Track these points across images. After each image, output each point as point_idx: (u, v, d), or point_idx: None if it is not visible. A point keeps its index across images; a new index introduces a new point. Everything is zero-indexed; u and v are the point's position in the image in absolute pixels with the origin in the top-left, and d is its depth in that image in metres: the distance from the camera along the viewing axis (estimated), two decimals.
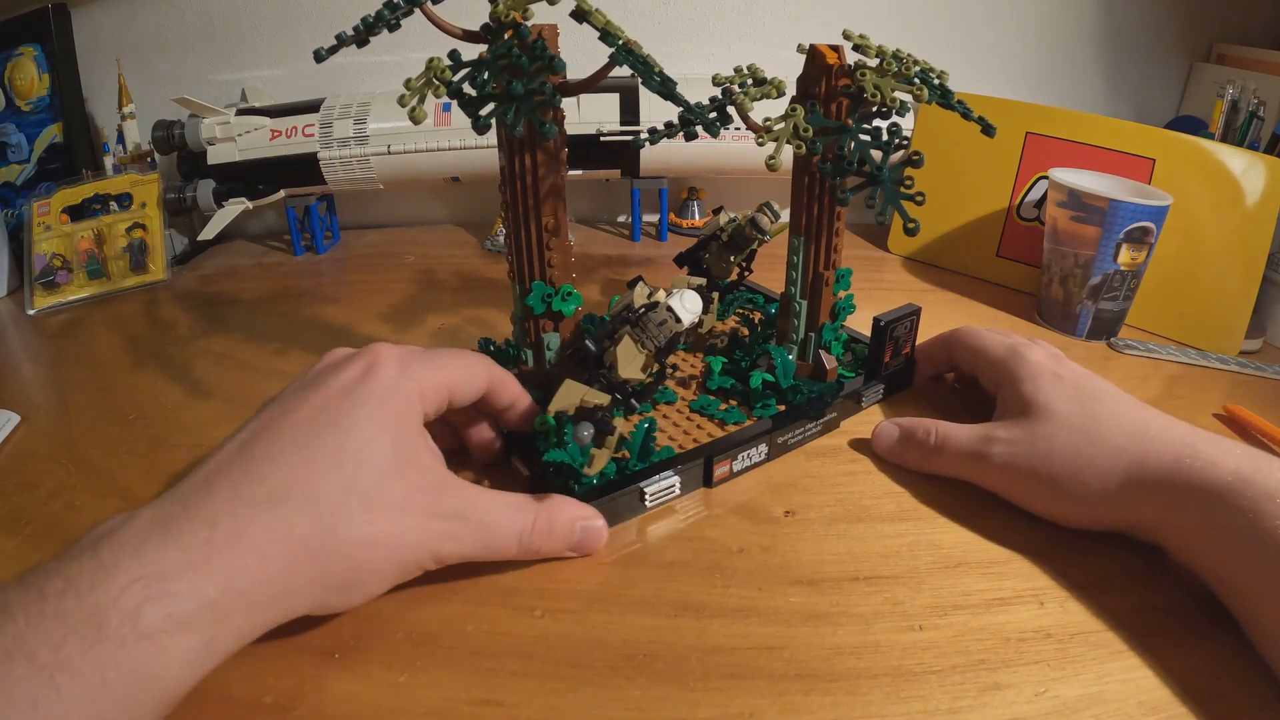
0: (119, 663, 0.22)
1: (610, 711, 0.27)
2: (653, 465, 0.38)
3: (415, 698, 0.28)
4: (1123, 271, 0.54)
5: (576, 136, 0.67)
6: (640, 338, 0.37)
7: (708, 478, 0.39)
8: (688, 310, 0.37)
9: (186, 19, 0.74)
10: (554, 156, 0.38)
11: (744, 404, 0.44)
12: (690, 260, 0.53)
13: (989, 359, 0.42)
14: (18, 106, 0.71)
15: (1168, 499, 0.31)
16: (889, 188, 0.35)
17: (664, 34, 0.77)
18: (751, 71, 0.38)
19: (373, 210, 0.82)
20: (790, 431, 0.42)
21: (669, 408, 0.45)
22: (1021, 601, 0.32)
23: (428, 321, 0.59)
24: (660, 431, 0.42)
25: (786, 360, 0.44)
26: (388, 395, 0.30)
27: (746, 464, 0.40)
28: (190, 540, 0.24)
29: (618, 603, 0.32)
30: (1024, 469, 0.36)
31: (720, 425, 0.43)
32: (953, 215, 0.70)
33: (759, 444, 0.40)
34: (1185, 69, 0.80)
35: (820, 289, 0.44)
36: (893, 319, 0.44)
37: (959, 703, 0.27)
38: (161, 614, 0.23)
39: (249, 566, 0.25)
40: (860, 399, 0.46)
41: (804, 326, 0.46)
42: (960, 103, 0.38)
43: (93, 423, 0.46)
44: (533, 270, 0.40)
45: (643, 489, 0.36)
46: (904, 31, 0.77)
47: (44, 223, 0.65)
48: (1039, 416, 0.36)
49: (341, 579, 0.28)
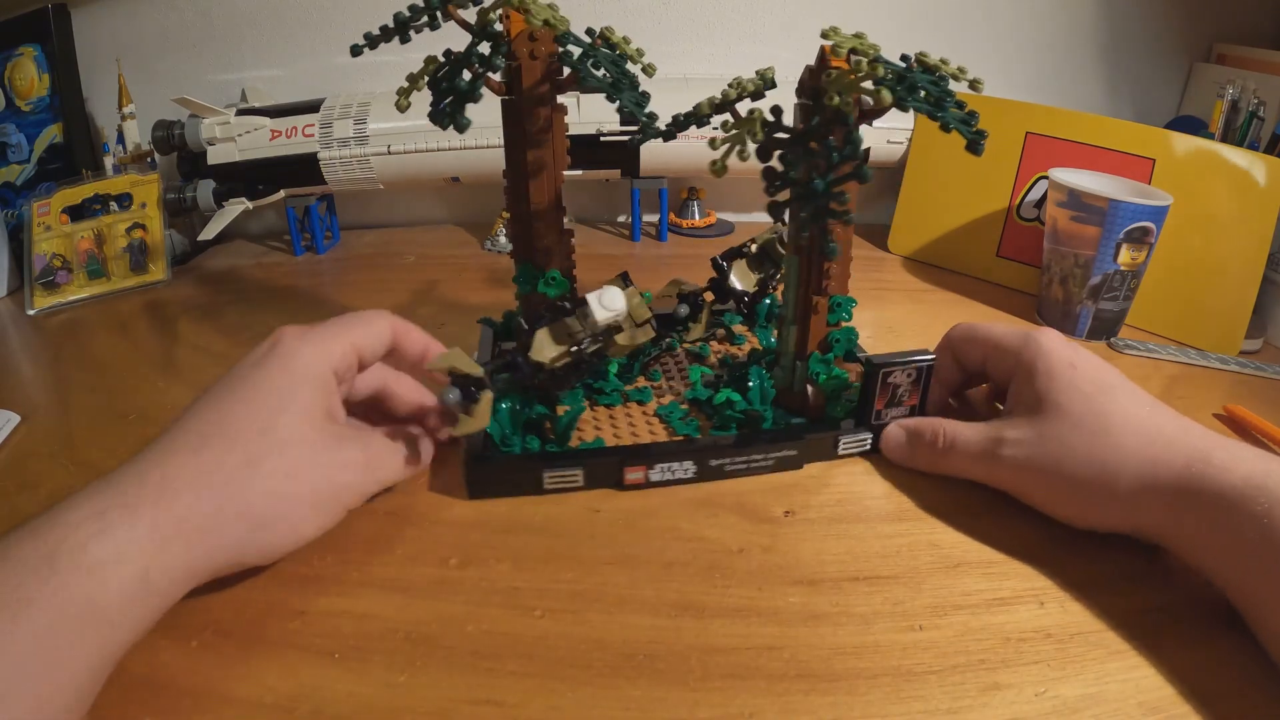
0: (71, 596, 0.24)
1: (610, 711, 0.27)
2: (566, 452, 0.39)
3: (415, 698, 0.28)
4: (1123, 271, 0.54)
5: (576, 137, 0.67)
6: (561, 329, 0.39)
7: (620, 479, 0.38)
8: (603, 307, 0.39)
9: (186, 19, 0.74)
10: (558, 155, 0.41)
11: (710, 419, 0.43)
12: (716, 266, 0.52)
13: (1002, 348, 0.40)
14: (18, 106, 0.71)
15: (1180, 504, 0.31)
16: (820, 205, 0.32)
17: (664, 34, 0.77)
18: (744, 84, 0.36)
19: (373, 210, 0.82)
20: (727, 457, 0.39)
21: (636, 406, 0.45)
22: (1021, 601, 0.32)
23: (428, 321, 0.59)
24: (613, 426, 0.43)
25: (765, 383, 0.42)
26: (290, 359, 0.33)
27: (669, 477, 0.39)
28: (126, 485, 0.28)
29: (618, 603, 0.32)
30: (1035, 470, 0.35)
31: (670, 433, 0.42)
32: (953, 215, 0.70)
33: (684, 460, 0.38)
34: (1185, 69, 0.80)
35: (809, 315, 0.41)
36: (888, 364, 0.39)
37: (959, 703, 0.27)
38: (103, 547, 0.25)
39: (178, 501, 0.28)
40: (837, 444, 0.41)
41: (791, 353, 0.42)
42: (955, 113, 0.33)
43: (93, 423, 0.46)
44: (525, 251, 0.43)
45: (544, 474, 0.38)
46: (904, 32, 0.77)
47: (44, 223, 0.65)
48: (1051, 415, 0.35)
49: (266, 512, 0.30)
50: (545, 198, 0.42)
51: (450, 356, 0.36)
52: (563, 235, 0.44)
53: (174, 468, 0.29)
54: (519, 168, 0.41)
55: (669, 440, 0.41)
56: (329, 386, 0.34)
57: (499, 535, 0.36)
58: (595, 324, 0.39)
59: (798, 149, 0.33)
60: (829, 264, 0.39)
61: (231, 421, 0.31)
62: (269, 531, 0.30)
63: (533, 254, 0.44)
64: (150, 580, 0.26)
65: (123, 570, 0.26)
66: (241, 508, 0.29)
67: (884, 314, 0.60)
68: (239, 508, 0.29)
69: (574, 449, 0.40)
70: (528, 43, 0.38)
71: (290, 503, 0.31)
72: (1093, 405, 0.34)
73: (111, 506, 0.27)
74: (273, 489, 0.30)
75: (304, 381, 0.33)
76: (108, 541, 0.26)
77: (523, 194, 0.42)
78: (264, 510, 0.30)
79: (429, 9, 0.36)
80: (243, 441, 0.30)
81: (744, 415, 0.41)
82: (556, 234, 0.44)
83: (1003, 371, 0.40)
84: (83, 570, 0.25)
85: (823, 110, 0.33)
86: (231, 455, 0.30)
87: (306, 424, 0.32)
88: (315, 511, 0.32)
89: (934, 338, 0.44)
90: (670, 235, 0.79)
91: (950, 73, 0.34)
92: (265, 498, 0.30)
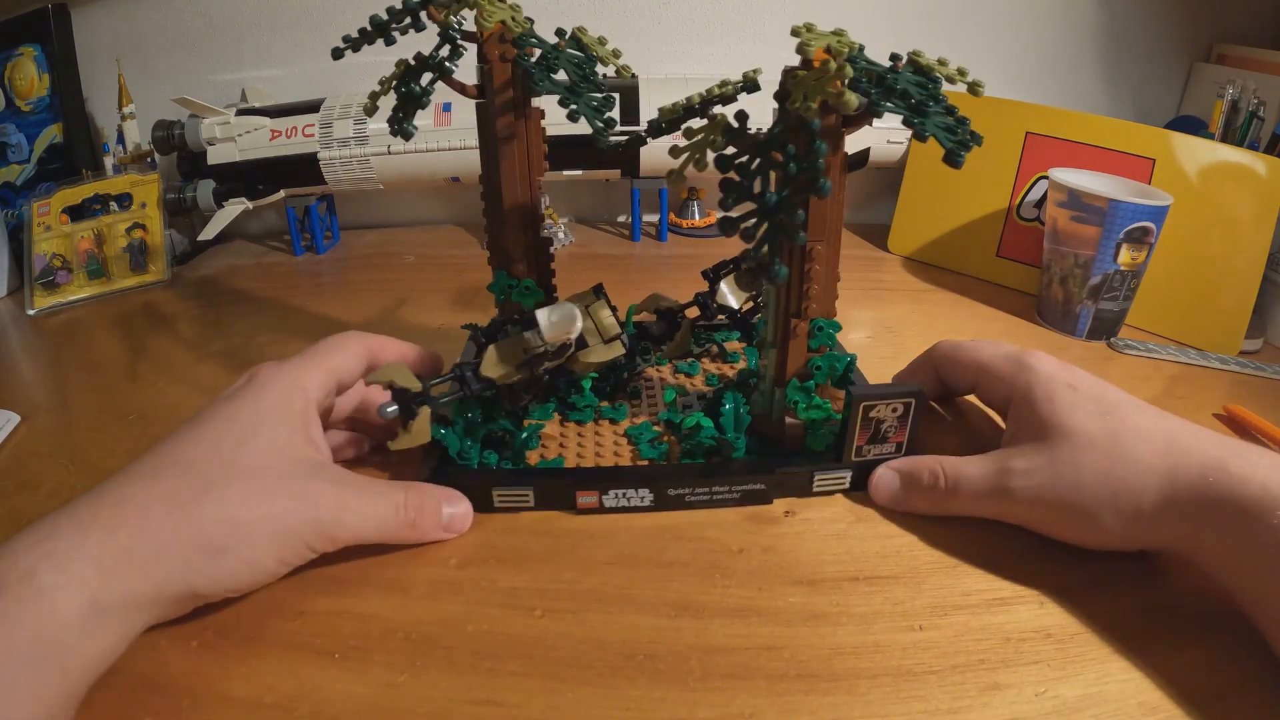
0: (21, 620, 0.24)
1: (610, 711, 0.27)
2: (520, 471, 0.38)
3: (415, 698, 0.28)
4: (1123, 271, 0.54)
5: (576, 137, 0.67)
6: (515, 344, 0.38)
7: (573, 502, 0.37)
8: (550, 324, 0.37)
9: (186, 19, 0.74)
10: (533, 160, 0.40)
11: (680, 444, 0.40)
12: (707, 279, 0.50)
13: (991, 374, 0.38)
14: (18, 106, 0.71)
15: (1199, 517, 0.30)
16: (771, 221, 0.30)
17: (664, 34, 0.77)
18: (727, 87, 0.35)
19: (373, 210, 0.82)
20: (687, 487, 0.37)
21: (608, 424, 0.42)
22: (1021, 601, 0.32)
23: (428, 321, 0.59)
24: (579, 445, 0.41)
25: (740, 409, 0.39)
26: (264, 392, 0.33)
27: (624, 503, 0.37)
28: (80, 509, 0.27)
29: (618, 603, 0.32)
30: (1051, 500, 0.33)
31: (636, 456, 0.39)
32: (953, 215, 0.70)
33: (640, 488, 0.37)
34: (1185, 69, 0.80)
35: (788, 338, 0.38)
36: (871, 395, 0.36)
37: (959, 703, 0.27)
38: (52, 570, 0.25)
39: (129, 526, 0.27)
40: (812, 480, 0.38)
41: (770, 378, 0.39)
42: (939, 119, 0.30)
43: (93, 423, 0.46)
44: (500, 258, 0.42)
45: (494, 491, 0.37)
46: (903, 31, 0.77)
47: (44, 223, 0.65)
48: (1059, 439, 0.33)
49: (219, 539, 0.29)
50: (518, 204, 0.41)
51: (390, 370, 0.36)
52: (539, 242, 0.43)
53: (129, 489, 0.28)
54: (492, 172, 0.40)
55: (628, 465, 0.39)
56: (306, 417, 0.33)
57: (498, 535, 0.36)
58: (543, 340, 0.37)
59: (756, 158, 0.30)
60: (809, 284, 0.36)
61: (194, 451, 0.30)
62: (223, 560, 0.29)
63: (507, 261, 0.42)
64: (101, 606, 0.25)
65: (73, 596, 0.25)
66: (194, 534, 0.28)
67: (884, 314, 0.60)
68: (191, 534, 0.28)
69: (530, 468, 0.38)
70: (498, 45, 0.37)
71: (246, 531, 0.29)
72: (1102, 424, 0.33)
73: (62, 532, 0.26)
74: (228, 517, 0.29)
75: (274, 413, 0.32)
76: (57, 563, 0.25)
77: (497, 199, 0.41)
78: (217, 538, 0.28)
79: (409, 10, 0.36)
80: (202, 470, 0.30)
81: (714, 443, 0.38)
82: (531, 241, 0.42)
83: (997, 396, 0.39)
84: (34, 596, 0.24)
85: (785, 115, 0.31)
86: (187, 482, 0.29)
87: (274, 455, 0.31)
88: (275, 544, 0.30)
89: (934, 338, 0.43)
90: (670, 235, 0.79)
91: (948, 74, 0.32)
92: (219, 525, 0.28)
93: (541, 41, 0.38)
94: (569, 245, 0.76)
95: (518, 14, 0.38)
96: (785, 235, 0.29)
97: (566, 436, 0.42)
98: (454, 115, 0.68)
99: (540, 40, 0.38)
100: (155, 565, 0.27)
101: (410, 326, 0.58)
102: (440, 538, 0.35)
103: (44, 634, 0.24)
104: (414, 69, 0.37)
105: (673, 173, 0.32)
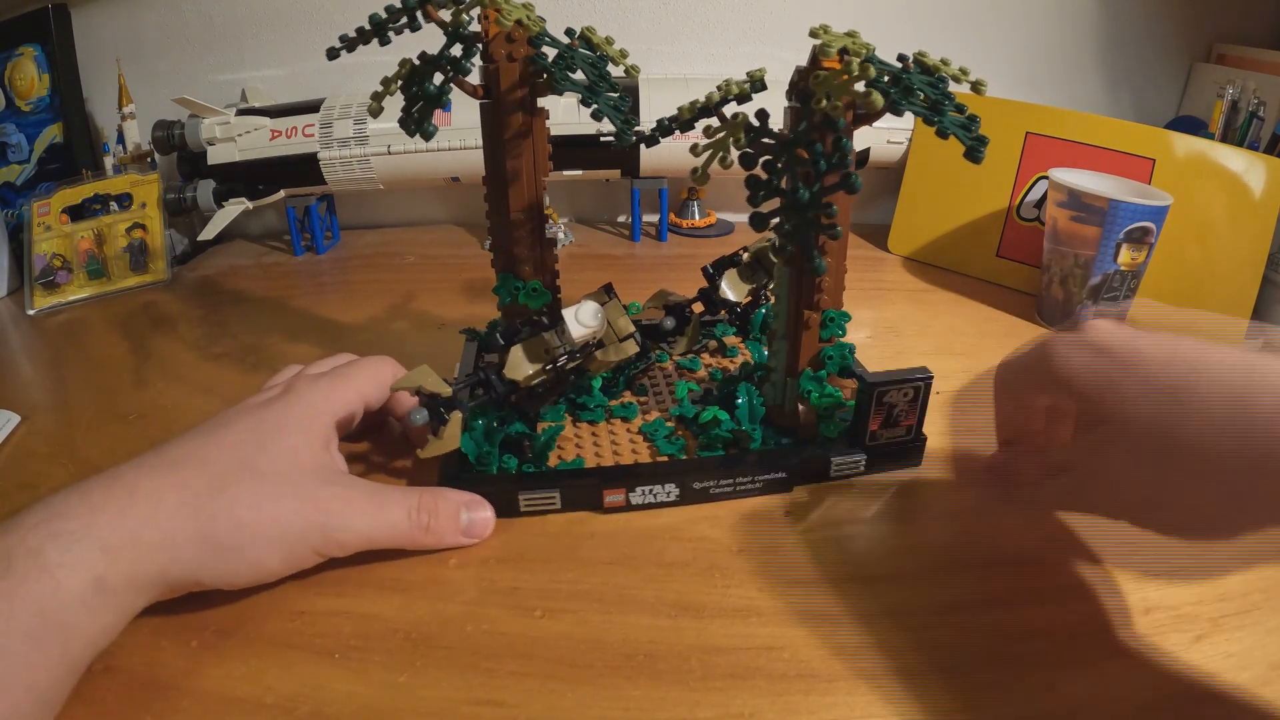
0: (25, 595, 0.24)
1: (610, 711, 0.27)
2: (544, 473, 0.38)
3: (415, 698, 0.28)
4: (1123, 271, 0.54)
5: (576, 137, 0.67)
6: (538, 345, 0.38)
7: (600, 502, 0.37)
8: (579, 323, 0.38)
9: (186, 19, 0.74)
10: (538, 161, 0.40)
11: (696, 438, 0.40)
12: (706, 275, 0.51)
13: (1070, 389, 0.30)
14: (18, 106, 0.71)
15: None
16: (805, 218, 0.30)
17: (664, 34, 0.76)
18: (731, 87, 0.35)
19: (373, 210, 0.82)
20: (712, 479, 0.37)
21: (620, 423, 0.42)
22: (1022, 601, 0.32)
23: (428, 321, 0.59)
24: (595, 444, 0.41)
25: (754, 401, 0.40)
26: (295, 403, 0.34)
27: (651, 500, 0.37)
28: (92, 490, 0.28)
29: (618, 603, 0.32)
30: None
31: (654, 453, 0.40)
32: (953, 215, 0.70)
33: (666, 483, 0.37)
34: (1185, 69, 0.80)
35: (800, 330, 0.39)
36: (884, 382, 0.37)
37: (959, 702, 0.27)
38: (59, 549, 0.25)
39: (140, 512, 0.28)
40: (829, 466, 0.39)
41: (782, 369, 0.40)
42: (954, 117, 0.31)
43: (93, 423, 0.46)
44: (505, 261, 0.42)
45: (520, 495, 0.36)
46: (902, 31, 0.77)
47: (44, 223, 0.65)
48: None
49: (226, 538, 0.29)
50: (525, 205, 0.40)
51: (418, 375, 0.35)
52: (544, 244, 0.42)
53: (143, 483, 0.29)
54: (498, 173, 0.40)
55: (651, 461, 0.39)
56: (327, 432, 0.35)
57: (499, 535, 0.36)
58: (572, 341, 0.37)
59: (783, 156, 0.31)
60: (821, 277, 0.37)
61: (215, 450, 0.31)
62: (228, 558, 0.29)
63: (513, 264, 0.42)
64: (104, 586, 0.26)
65: (78, 574, 0.25)
66: (203, 530, 0.28)
67: (884, 314, 0.60)
68: (201, 527, 0.28)
69: (552, 470, 0.38)
70: (505, 44, 0.37)
71: (253, 533, 0.30)
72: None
73: (72, 512, 0.27)
74: (238, 517, 0.29)
75: (298, 423, 0.33)
76: (64, 542, 0.26)
77: (502, 200, 0.40)
78: (225, 537, 0.29)
79: (407, 10, 0.35)
80: (219, 469, 0.30)
81: (732, 435, 0.39)
82: (537, 243, 0.42)
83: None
84: (39, 572, 0.25)
85: (810, 114, 0.32)
86: (203, 478, 0.29)
87: (289, 461, 0.32)
88: (280, 546, 0.30)
89: (934, 337, 0.44)
90: (670, 235, 0.79)
91: (951, 74, 0.32)
92: (228, 523, 0.29)
93: (555, 41, 0.38)
94: (569, 245, 0.76)
95: (532, 12, 0.37)
96: (824, 231, 0.30)
97: (581, 437, 0.42)
98: (454, 115, 0.68)
99: (554, 40, 0.38)
100: (162, 553, 0.28)
101: (410, 326, 0.58)
102: (460, 543, 0.35)
103: (47, 610, 0.24)
104: (421, 68, 0.37)
105: (696, 170, 0.33)
